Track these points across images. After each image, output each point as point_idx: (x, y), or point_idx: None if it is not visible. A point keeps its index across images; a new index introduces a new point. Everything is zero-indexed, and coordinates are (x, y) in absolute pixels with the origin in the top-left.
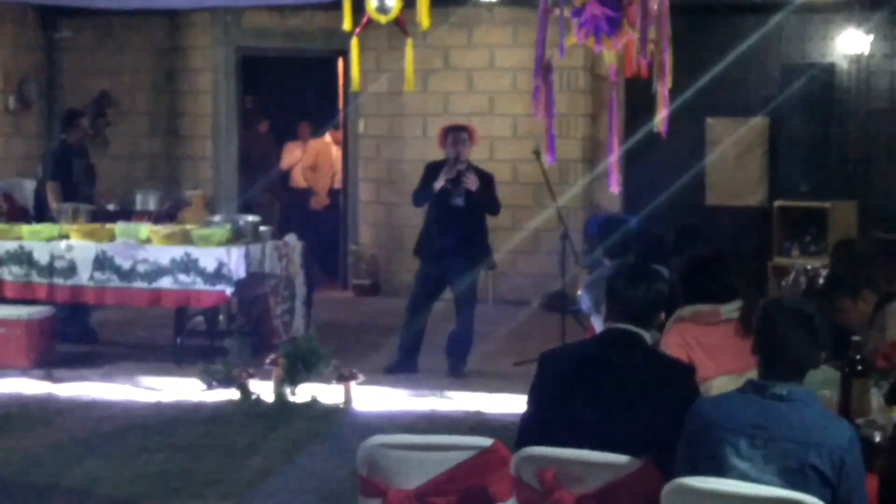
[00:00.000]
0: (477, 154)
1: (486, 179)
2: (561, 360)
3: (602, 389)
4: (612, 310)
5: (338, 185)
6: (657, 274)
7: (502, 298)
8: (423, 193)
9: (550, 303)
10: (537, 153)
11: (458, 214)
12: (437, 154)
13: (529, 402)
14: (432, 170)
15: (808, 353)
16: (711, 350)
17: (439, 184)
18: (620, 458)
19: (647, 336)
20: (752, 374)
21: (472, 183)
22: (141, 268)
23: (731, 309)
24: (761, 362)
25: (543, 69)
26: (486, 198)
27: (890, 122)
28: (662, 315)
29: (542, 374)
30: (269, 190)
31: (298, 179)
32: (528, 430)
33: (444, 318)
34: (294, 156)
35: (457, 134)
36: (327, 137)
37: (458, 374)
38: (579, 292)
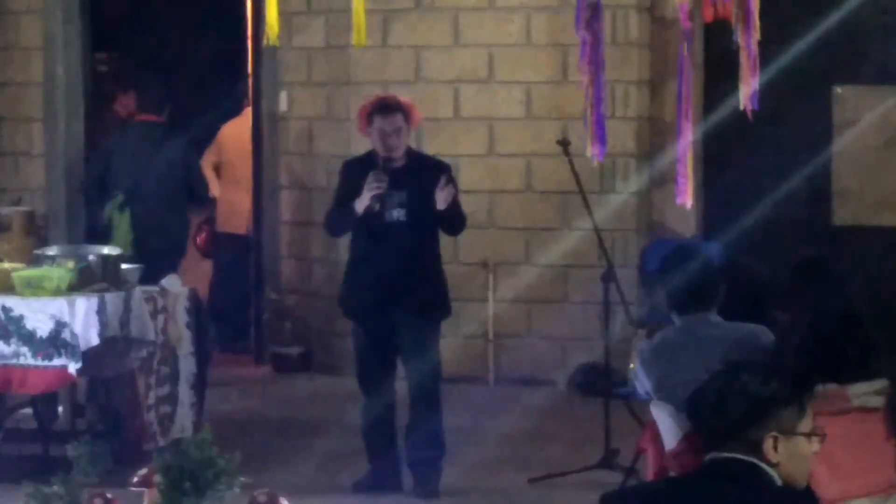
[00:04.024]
0: (472, 145)
1: (442, 175)
2: None
3: None
4: (698, 431)
5: None
6: (743, 367)
7: (510, 375)
8: (339, 217)
9: (585, 382)
10: (565, 143)
11: (399, 236)
12: None
13: None
14: (352, 173)
15: None
16: (836, 456)
17: (362, 204)
18: None
19: (769, 469)
20: None
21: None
22: None
23: (867, 391)
24: None
25: (589, 10)
26: (450, 214)
27: None
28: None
29: None
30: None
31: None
32: None
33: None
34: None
35: (387, 117)
36: (248, 118)
37: (428, 493)
38: (632, 366)
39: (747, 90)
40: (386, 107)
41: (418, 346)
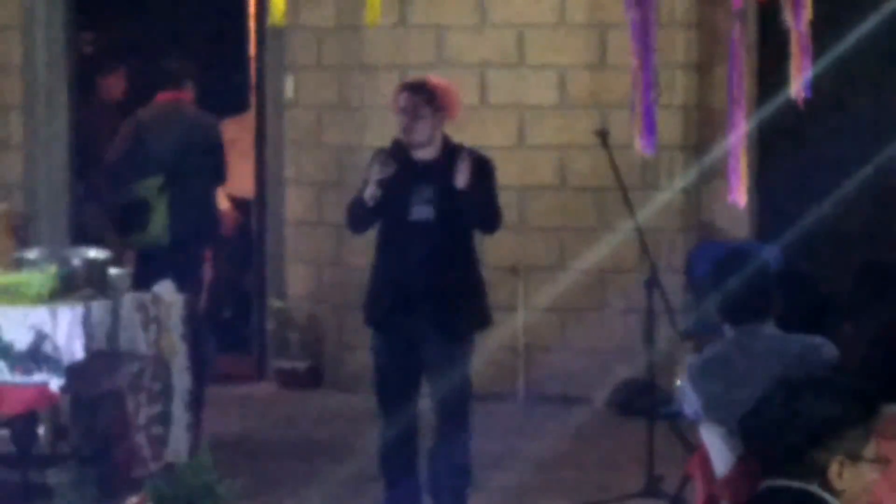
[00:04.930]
0: (499, 136)
1: (480, 168)
2: None
3: None
4: (753, 455)
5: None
6: (804, 384)
7: (542, 392)
8: (354, 209)
9: (626, 400)
10: (603, 134)
11: (427, 236)
12: None
13: None
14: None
15: None
16: None
17: (370, 190)
18: None
19: (831, 498)
20: None
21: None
22: None
23: None
24: None
25: None
26: (475, 199)
27: None
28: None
29: None
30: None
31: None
32: None
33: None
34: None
35: (410, 97)
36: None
37: None
38: (679, 383)
39: (799, 76)
40: (409, 85)
41: (446, 361)
